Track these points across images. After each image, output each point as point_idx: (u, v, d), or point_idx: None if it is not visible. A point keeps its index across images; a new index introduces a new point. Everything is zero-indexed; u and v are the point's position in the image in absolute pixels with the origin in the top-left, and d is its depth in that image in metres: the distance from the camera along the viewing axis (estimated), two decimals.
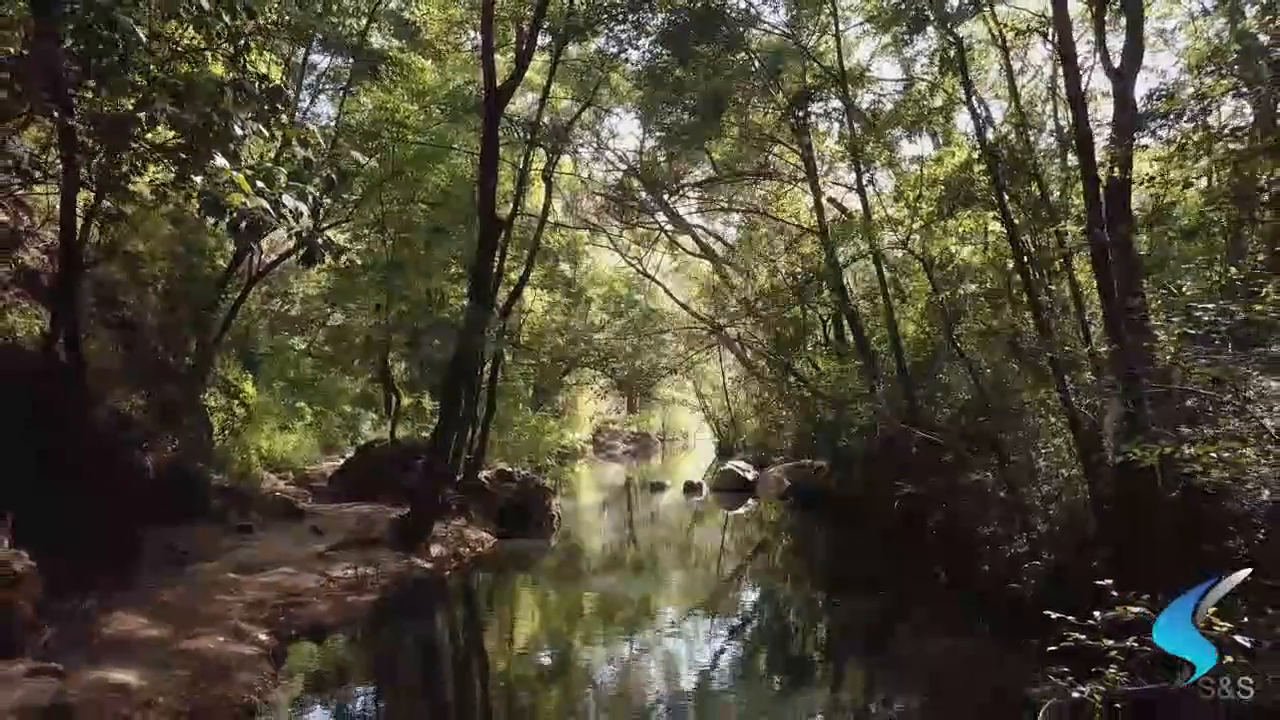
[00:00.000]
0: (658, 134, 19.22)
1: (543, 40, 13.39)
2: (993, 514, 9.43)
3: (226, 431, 12.73)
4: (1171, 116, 9.89)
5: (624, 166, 22.01)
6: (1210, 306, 4.62)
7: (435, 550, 11.05)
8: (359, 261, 13.62)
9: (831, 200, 17.37)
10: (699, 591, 11.15)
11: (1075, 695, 3.39)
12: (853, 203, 16.34)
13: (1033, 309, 7.71)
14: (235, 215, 4.69)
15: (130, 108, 5.28)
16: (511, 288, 16.07)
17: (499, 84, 11.61)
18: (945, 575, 9.89)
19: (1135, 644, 3.52)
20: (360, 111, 14.86)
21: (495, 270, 13.12)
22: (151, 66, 4.74)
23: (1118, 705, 3.34)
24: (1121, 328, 6.28)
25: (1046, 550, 8.11)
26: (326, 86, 16.95)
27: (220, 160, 4.86)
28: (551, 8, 12.57)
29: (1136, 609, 3.49)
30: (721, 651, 8.18)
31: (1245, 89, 9.30)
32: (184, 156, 4.79)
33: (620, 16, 13.38)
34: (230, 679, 6.03)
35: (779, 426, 23.02)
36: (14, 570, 5.48)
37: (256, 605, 7.81)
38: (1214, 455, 4.18)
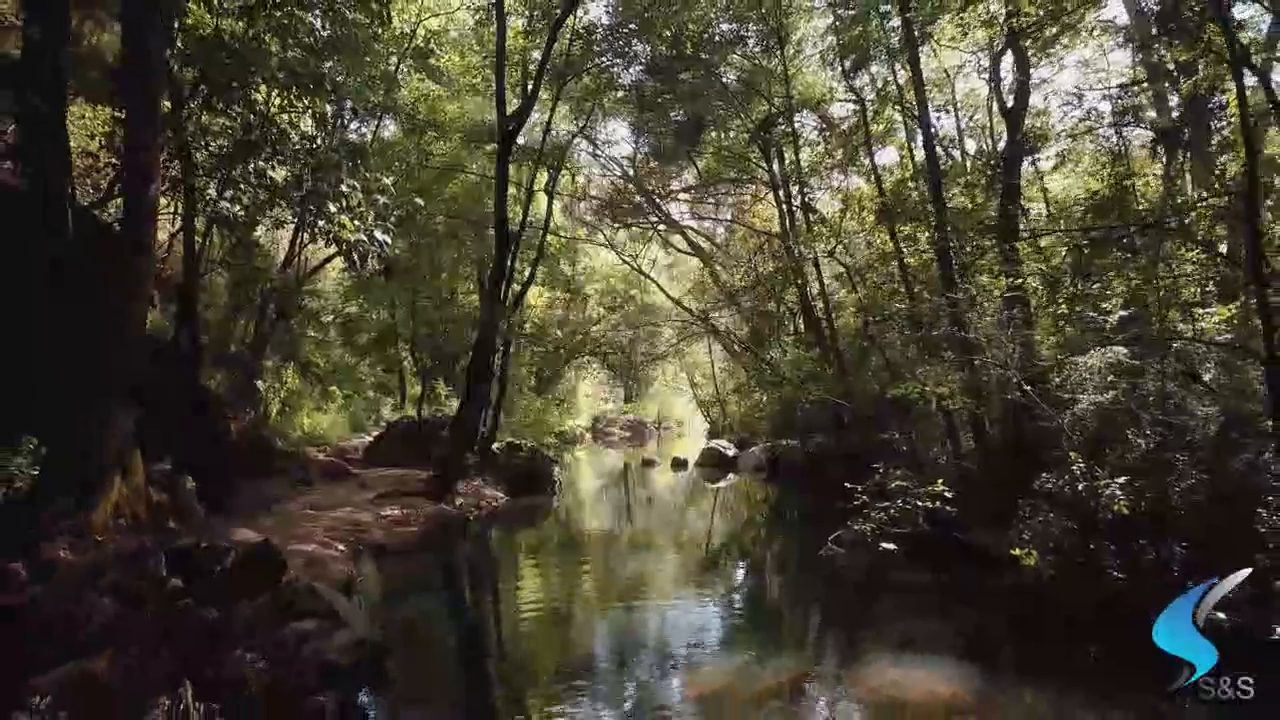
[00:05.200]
0: (646, 148, 21.68)
1: (545, 77, 15.78)
2: (901, 468, 11.95)
3: (286, 407, 15.25)
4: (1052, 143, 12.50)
5: (618, 172, 24.38)
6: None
7: (459, 502, 13.58)
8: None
9: (806, 204, 19.73)
10: (673, 531, 13.67)
11: (855, 530, 5.85)
12: (822, 207, 18.76)
13: (911, 302, 10.17)
14: (348, 246, 7.19)
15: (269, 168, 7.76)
16: (519, 286, 18.52)
17: (509, 112, 14.06)
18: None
19: (900, 501, 5.97)
20: (385, 130, 17.35)
21: (507, 272, 15.60)
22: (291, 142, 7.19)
23: (879, 532, 5.76)
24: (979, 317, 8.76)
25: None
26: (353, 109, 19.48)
27: (332, 206, 7.35)
28: (554, 49, 14.98)
29: (897, 480, 5.97)
30: (681, 567, 10.69)
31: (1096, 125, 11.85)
32: (312, 207, 7.27)
33: (609, 56, 15.78)
34: (328, 567, 8.54)
35: (759, 409, 25.42)
36: (187, 488, 7.99)
37: (332, 530, 10.34)
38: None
